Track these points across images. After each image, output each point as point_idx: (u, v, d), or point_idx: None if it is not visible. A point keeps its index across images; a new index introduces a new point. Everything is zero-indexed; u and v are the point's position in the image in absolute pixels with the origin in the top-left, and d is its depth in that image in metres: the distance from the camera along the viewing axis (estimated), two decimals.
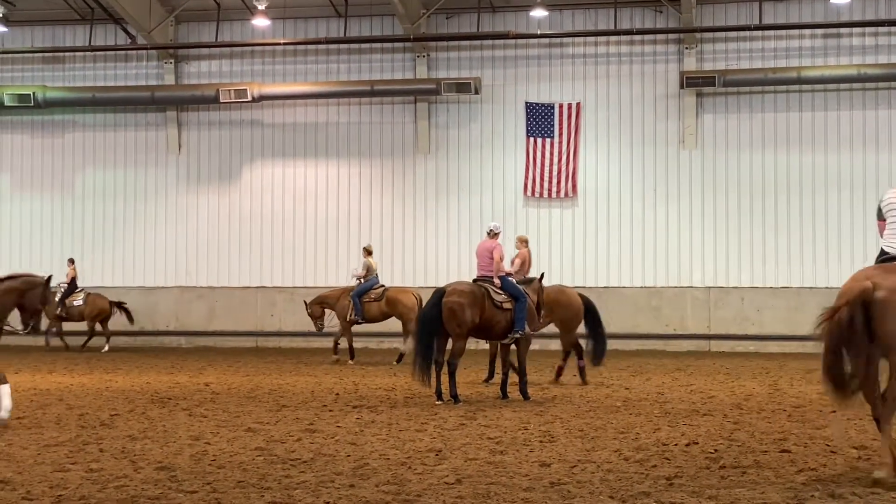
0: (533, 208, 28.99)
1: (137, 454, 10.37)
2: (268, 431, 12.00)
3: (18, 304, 12.79)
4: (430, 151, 29.73)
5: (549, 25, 28.82)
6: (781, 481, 8.93)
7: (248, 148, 30.62)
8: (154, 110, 30.95)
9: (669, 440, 11.37)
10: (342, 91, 29.73)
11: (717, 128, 28.64)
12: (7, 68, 31.71)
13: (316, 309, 24.20)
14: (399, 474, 9.28)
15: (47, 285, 13.00)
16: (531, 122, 28.99)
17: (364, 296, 23.11)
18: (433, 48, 29.77)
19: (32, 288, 12.84)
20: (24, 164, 31.54)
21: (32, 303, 12.85)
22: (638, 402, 15.31)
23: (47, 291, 12.98)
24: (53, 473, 9.32)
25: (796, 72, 27.87)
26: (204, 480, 8.98)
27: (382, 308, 23.12)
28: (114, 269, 30.51)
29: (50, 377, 19.48)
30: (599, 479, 9.07)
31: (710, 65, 28.59)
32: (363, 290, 23.20)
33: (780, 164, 28.30)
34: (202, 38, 30.67)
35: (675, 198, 28.65)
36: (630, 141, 28.88)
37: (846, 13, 27.95)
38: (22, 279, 12.96)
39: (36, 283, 12.92)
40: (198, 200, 30.64)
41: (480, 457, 10.21)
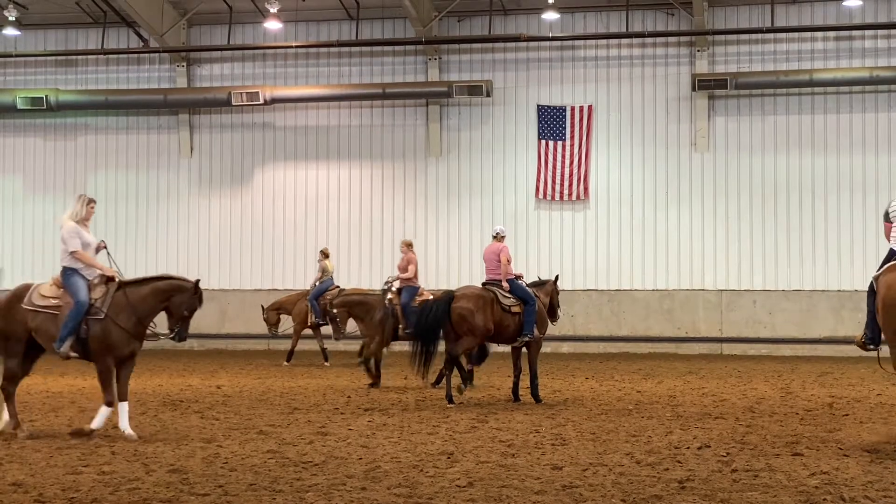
0: (545, 211, 28.97)
1: (149, 457, 10.39)
2: (279, 434, 12.02)
3: (165, 307, 12.13)
4: (441, 154, 29.73)
5: (560, 28, 28.81)
6: (794, 485, 8.91)
7: (259, 151, 30.66)
8: (166, 113, 31.01)
9: (681, 443, 11.35)
10: (354, 94, 29.75)
11: (729, 130, 28.59)
12: (20, 71, 31.80)
13: (272, 315, 24.83)
14: (411, 477, 9.28)
15: (196, 291, 12.13)
16: (543, 125, 28.97)
17: (320, 297, 23.55)
18: (445, 51, 29.78)
19: (180, 292, 12.14)
20: (37, 167, 31.62)
21: (178, 308, 12.11)
22: (650, 405, 15.29)
23: (195, 298, 12.12)
24: (66, 476, 9.34)
25: (808, 74, 27.80)
26: (216, 483, 9.00)
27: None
28: (126, 272, 30.43)
29: (62, 380, 19.52)
30: (611, 482, 9.06)
31: (721, 67, 28.54)
32: (319, 292, 23.68)
33: (792, 167, 28.24)
34: (214, 41, 30.73)
35: (687, 200, 28.60)
36: (642, 143, 28.84)
37: (858, 15, 27.88)
38: (170, 281, 12.30)
39: (184, 287, 12.18)
40: (209, 203, 30.69)
41: (492, 460, 10.21)
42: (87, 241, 12.25)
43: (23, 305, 12.02)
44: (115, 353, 11.87)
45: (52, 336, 11.89)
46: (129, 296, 11.96)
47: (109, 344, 11.78)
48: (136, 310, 11.91)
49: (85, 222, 12.46)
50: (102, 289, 12.04)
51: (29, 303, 12.03)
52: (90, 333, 11.77)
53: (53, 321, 11.91)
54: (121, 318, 11.82)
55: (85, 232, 12.32)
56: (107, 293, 11.98)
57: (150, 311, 12.08)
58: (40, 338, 12.05)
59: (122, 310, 11.89)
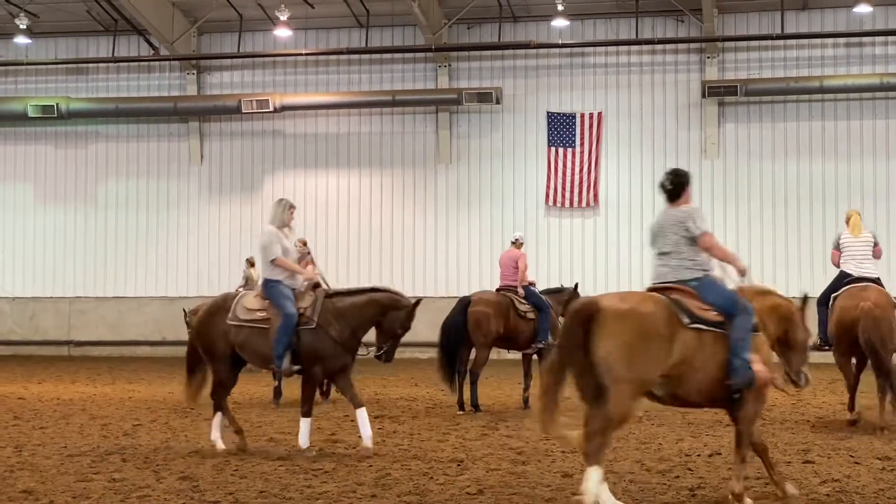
0: (554, 218, 28.96)
1: (160, 464, 10.40)
2: (290, 442, 12.01)
3: (377, 321, 11.35)
4: (451, 161, 29.74)
5: (570, 35, 28.80)
6: (805, 492, 8.88)
7: (269, 158, 30.69)
8: (176, 121, 31.07)
9: (692, 451, 11.33)
10: (363, 101, 29.78)
11: (739, 137, 28.55)
12: (31, 79, 31.90)
13: (194, 320, 24.57)
14: (421, 484, 9.28)
15: (413, 311, 11.41)
16: (552, 132, 28.97)
17: None
18: (454, 58, 29.79)
19: (396, 308, 11.38)
20: (48, 175, 31.70)
21: (392, 325, 11.35)
22: (660, 412, 15.25)
23: (411, 317, 11.39)
24: (76, 483, 9.35)
25: (818, 81, 27.75)
26: (226, 490, 9.00)
27: None
28: (136, 279, 30.62)
29: (73, 387, 19.56)
30: (622, 489, 9.05)
31: (731, 74, 28.51)
32: None
33: (803, 174, 28.20)
34: (224, 48, 30.78)
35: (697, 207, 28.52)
36: (652, 150, 28.82)
37: (868, 22, 27.82)
38: (387, 294, 11.54)
39: (402, 303, 11.44)
40: (219, 210, 30.73)
41: (502, 467, 10.20)
42: (286, 247, 11.64)
43: (227, 321, 11.33)
44: (326, 365, 11.26)
45: (259, 352, 11.26)
46: (339, 305, 11.27)
47: (321, 355, 11.16)
48: (348, 320, 11.22)
49: (285, 228, 11.85)
50: (310, 297, 11.39)
51: (234, 317, 11.33)
52: (302, 344, 11.12)
53: (262, 336, 11.22)
54: (333, 329, 11.16)
55: (285, 238, 11.69)
56: (315, 301, 11.30)
57: (363, 322, 11.34)
58: (246, 354, 11.42)
59: (333, 319, 11.20)
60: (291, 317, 11.08)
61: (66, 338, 30.92)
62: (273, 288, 11.33)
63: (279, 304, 11.16)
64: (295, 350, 11.08)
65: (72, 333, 30.93)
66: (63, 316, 31.07)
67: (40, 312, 31.21)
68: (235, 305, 11.38)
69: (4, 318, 31.43)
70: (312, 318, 11.13)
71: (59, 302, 31.16)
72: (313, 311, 11.17)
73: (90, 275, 31.15)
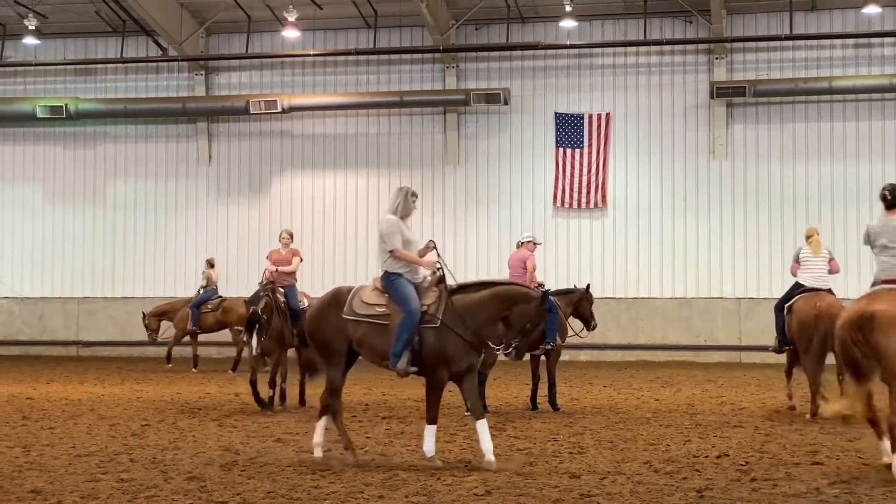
0: (562, 219, 28.94)
1: (168, 464, 10.41)
2: (297, 442, 12.03)
3: (503, 317, 10.45)
4: (459, 162, 29.74)
5: (578, 36, 28.78)
6: (813, 494, 8.87)
7: (277, 159, 30.72)
8: (185, 122, 31.11)
9: (700, 452, 11.32)
10: (371, 102, 29.81)
11: (748, 138, 28.51)
12: (40, 80, 31.96)
13: (153, 322, 25.37)
14: (428, 485, 9.27)
15: (542, 304, 10.45)
16: (560, 133, 28.95)
17: (202, 306, 24.35)
18: (462, 59, 29.79)
19: (524, 301, 10.43)
20: (57, 176, 31.75)
21: (519, 320, 10.40)
22: (668, 413, 15.25)
23: (540, 310, 10.41)
24: (85, 483, 9.37)
25: (827, 82, 27.70)
26: (234, 491, 9.01)
27: (218, 318, 24.34)
28: (145, 280, 30.66)
29: (81, 387, 19.60)
30: (629, 490, 9.04)
31: (740, 75, 28.47)
32: (201, 300, 24.46)
33: (811, 175, 28.15)
34: (233, 49, 30.82)
35: (706, 208, 28.54)
36: (660, 151, 28.79)
37: (878, 23, 27.76)
38: (513, 287, 10.73)
39: (529, 296, 10.51)
40: (228, 211, 30.76)
41: (510, 468, 10.19)
42: (408, 238, 10.85)
43: (343, 315, 10.65)
44: (452, 367, 10.36)
45: (377, 350, 10.54)
46: (463, 301, 10.47)
47: (446, 356, 10.33)
48: (473, 317, 10.38)
49: (407, 218, 11.02)
50: (434, 293, 10.61)
51: (350, 311, 10.64)
52: (424, 345, 10.33)
53: (381, 333, 10.50)
54: (458, 327, 10.32)
55: (406, 229, 10.91)
56: (440, 297, 10.54)
57: (489, 319, 10.44)
58: (364, 351, 10.74)
59: (459, 316, 10.37)
60: (413, 314, 10.36)
61: (74, 338, 30.97)
62: (394, 282, 10.60)
63: (401, 299, 10.46)
64: (414, 350, 10.36)
65: (80, 334, 30.98)
66: (72, 316, 31.12)
67: (49, 313, 31.27)
68: (352, 299, 10.69)
69: (13, 319, 31.49)
70: (436, 315, 10.37)
71: (67, 302, 31.21)
72: (437, 309, 10.41)
73: (99, 275, 31.20)
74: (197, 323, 24.28)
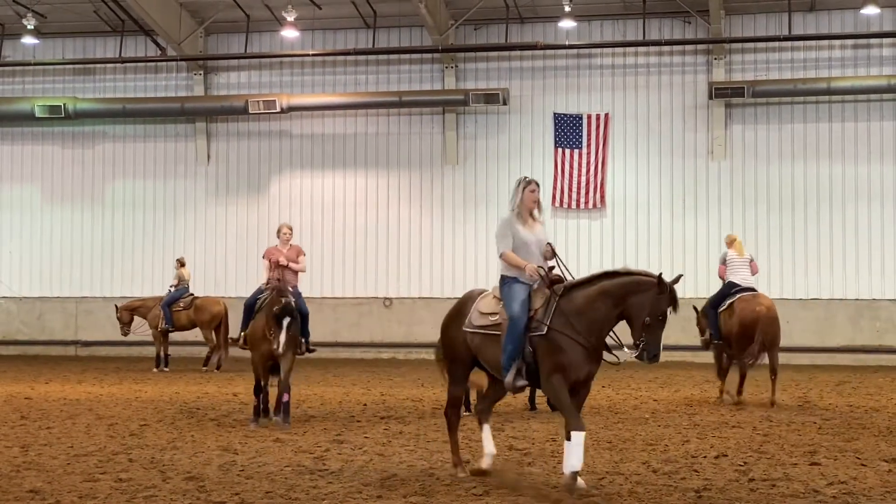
0: (561, 219, 28.92)
1: (166, 464, 10.41)
2: (296, 442, 12.03)
3: (621, 312, 9.18)
4: (458, 162, 29.74)
5: (577, 36, 28.79)
6: (811, 494, 8.87)
7: (276, 159, 30.71)
8: (183, 121, 31.11)
9: (698, 452, 11.32)
10: (370, 102, 29.81)
11: (746, 138, 28.51)
12: (38, 80, 31.94)
13: (125, 315, 25.47)
14: (427, 485, 9.28)
15: (663, 288, 8.91)
16: (559, 133, 28.95)
17: (174, 305, 24.50)
18: (461, 59, 29.79)
19: (638, 291, 9.06)
20: (55, 176, 31.74)
21: (638, 313, 8.99)
22: (666, 413, 15.25)
23: (663, 297, 8.91)
24: (83, 483, 9.37)
25: (826, 82, 27.71)
26: (232, 491, 9.01)
27: (190, 316, 24.50)
28: (143, 279, 30.63)
29: (80, 387, 19.60)
30: (628, 490, 9.05)
31: (739, 75, 28.47)
32: (173, 299, 24.63)
33: (810, 175, 28.15)
34: (231, 49, 30.81)
35: (704, 209, 28.54)
36: (658, 151, 28.80)
37: (876, 23, 27.77)
38: (623, 279, 9.23)
39: (643, 283, 9.09)
40: (226, 211, 30.76)
41: (508, 468, 10.19)
42: (524, 238, 9.62)
43: (463, 327, 9.82)
44: (569, 377, 9.09)
45: (493, 363, 9.60)
46: (573, 300, 9.23)
47: (558, 364, 9.08)
48: (585, 318, 9.14)
49: (526, 214, 9.84)
50: (543, 295, 9.40)
51: (469, 324, 9.77)
52: (535, 354, 9.20)
53: (493, 343, 9.53)
54: (568, 330, 9.11)
55: (523, 228, 9.70)
56: (549, 300, 9.32)
57: (603, 318, 9.17)
58: (485, 365, 9.87)
59: (569, 320, 9.14)
60: (515, 320, 9.27)
61: (73, 338, 30.97)
62: (505, 286, 9.58)
63: (507, 305, 9.43)
64: (527, 361, 9.24)
65: (79, 333, 30.98)
66: (70, 316, 31.12)
67: (47, 312, 31.27)
68: (472, 310, 9.83)
69: (12, 318, 31.49)
70: (543, 321, 9.17)
71: (66, 302, 31.21)
72: (545, 314, 9.24)
73: (97, 275, 31.20)
74: (169, 322, 24.41)
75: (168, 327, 24.50)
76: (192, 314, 24.51)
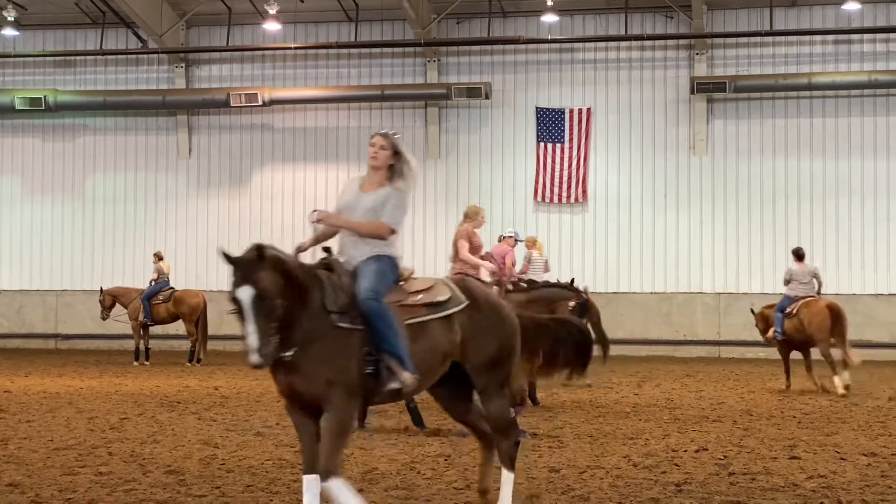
0: (543, 213, 28.97)
1: (146, 458, 10.38)
2: (277, 436, 12.00)
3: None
4: (440, 156, 29.73)
5: (559, 31, 28.81)
6: (791, 488, 8.91)
7: (258, 152, 30.65)
8: (165, 114, 31.00)
9: (679, 446, 11.35)
10: (353, 96, 29.76)
11: (728, 133, 28.60)
12: (18, 72, 31.79)
13: (107, 299, 25.42)
14: (408, 479, 9.28)
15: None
16: (541, 127, 28.98)
17: (153, 298, 24.53)
18: (444, 53, 29.79)
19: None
20: (35, 168, 31.61)
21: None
22: (647, 407, 15.29)
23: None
24: (62, 477, 9.33)
25: (807, 78, 27.82)
26: (213, 485, 8.99)
27: (170, 309, 24.54)
28: (124, 273, 30.48)
29: (59, 380, 19.52)
30: (608, 484, 9.06)
31: (720, 70, 28.55)
32: (152, 292, 24.66)
33: (791, 171, 28.26)
34: (213, 42, 30.73)
35: (686, 203, 28.62)
36: (640, 146, 28.86)
37: (857, 19, 27.89)
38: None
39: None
40: (208, 204, 30.68)
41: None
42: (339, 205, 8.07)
43: None
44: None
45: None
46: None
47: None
48: None
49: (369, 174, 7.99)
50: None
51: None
52: None
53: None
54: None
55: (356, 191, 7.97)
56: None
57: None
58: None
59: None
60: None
61: (53, 331, 30.85)
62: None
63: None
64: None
65: (59, 327, 30.86)
66: (50, 309, 30.99)
67: (27, 305, 31.14)
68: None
69: None
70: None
71: (46, 295, 31.08)
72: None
73: (77, 268, 31.09)
74: (148, 315, 24.42)
75: (147, 321, 24.50)
76: (171, 307, 24.50)
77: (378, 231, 7.64)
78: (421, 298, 7.51)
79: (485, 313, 7.65)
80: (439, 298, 7.53)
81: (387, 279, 7.49)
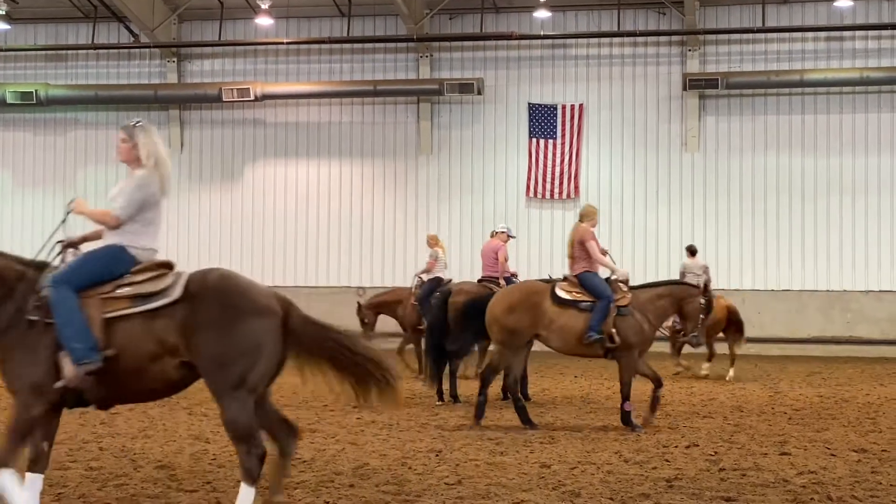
0: (535, 209, 28.97)
1: (137, 453, 10.37)
2: None
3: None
4: (432, 152, 29.71)
5: (552, 27, 28.80)
6: (781, 484, 8.93)
7: (250, 147, 30.61)
8: (157, 109, 30.92)
9: (669, 442, 11.37)
10: (345, 91, 29.73)
11: (720, 130, 28.62)
12: (10, 66, 31.69)
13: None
14: (399, 474, 9.28)
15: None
16: (534, 124, 28.97)
17: None
18: (436, 48, 29.76)
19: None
20: (27, 162, 31.53)
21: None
22: (638, 403, 15.28)
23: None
24: (53, 472, 9.29)
25: (799, 74, 27.85)
26: (204, 479, 8.99)
27: None
28: None
29: None
30: (599, 480, 9.07)
31: (713, 67, 28.57)
32: None
33: (783, 167, 28.28)
34: (205, 36, 30.66)
35: (678, 200, 28.63)
36: (633, 143, 28.86)
37: (849, 16, 27.93)
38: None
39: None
40: (199, 199, 30.62)
41: (481, 457, 10.21)
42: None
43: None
44: None
45: None
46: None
47: None
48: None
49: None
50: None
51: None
52: None
53: None
54: None
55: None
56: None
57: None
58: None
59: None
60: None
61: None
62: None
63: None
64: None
65: None
66: None
67: None
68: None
69: None
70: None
71: None
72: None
73: None
74: None
75: None
76: None
77: (103, 219, 8.03)
78: (127, 291, 7.36)
79: (209, 308, 7.32)
80: (147, 290, 7.38)
81: (88, 269, 7.57)
